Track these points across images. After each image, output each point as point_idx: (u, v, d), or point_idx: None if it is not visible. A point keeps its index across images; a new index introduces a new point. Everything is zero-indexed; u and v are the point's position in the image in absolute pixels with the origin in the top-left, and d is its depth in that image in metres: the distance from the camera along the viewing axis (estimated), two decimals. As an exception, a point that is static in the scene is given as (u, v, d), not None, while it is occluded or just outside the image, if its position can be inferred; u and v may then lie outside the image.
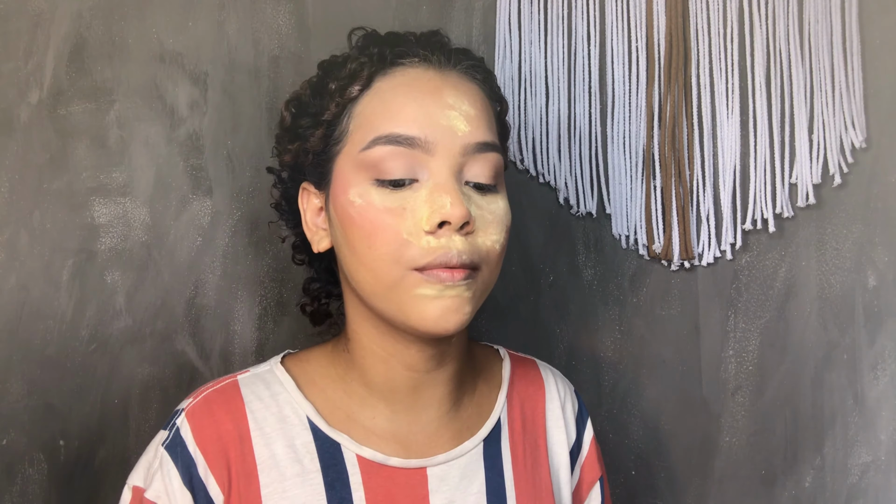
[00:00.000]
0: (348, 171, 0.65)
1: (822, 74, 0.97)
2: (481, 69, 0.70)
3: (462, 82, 0.66)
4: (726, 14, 0.96)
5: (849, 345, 0.99)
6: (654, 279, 0.99)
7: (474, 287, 0.64)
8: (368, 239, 0.63)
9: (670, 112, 0.96)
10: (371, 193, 0.63)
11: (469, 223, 0.62)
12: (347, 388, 0.69)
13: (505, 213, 0.66)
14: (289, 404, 0.68)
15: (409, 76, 0.65)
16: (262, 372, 0.70)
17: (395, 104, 0.64)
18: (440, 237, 0.61)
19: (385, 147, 0.62)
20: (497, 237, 0.65)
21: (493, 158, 0.65)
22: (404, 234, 0.61)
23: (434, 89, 0.64)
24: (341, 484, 0.65)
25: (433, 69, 0.66)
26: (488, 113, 0.67)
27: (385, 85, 0.65)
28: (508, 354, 0.78)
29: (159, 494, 0.64)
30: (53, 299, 0.87)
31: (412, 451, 0.68)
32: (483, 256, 0.64)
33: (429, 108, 0.63)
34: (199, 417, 0.66)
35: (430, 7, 0.95)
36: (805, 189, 0.97)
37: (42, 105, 0.87)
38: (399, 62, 0.66)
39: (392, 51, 0.66)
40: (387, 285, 0.63)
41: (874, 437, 0.99)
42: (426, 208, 0.61)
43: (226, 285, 0.91)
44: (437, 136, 0.63)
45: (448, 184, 0.62)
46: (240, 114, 0.91)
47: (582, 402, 0.80)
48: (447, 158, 0.63)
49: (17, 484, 0.86)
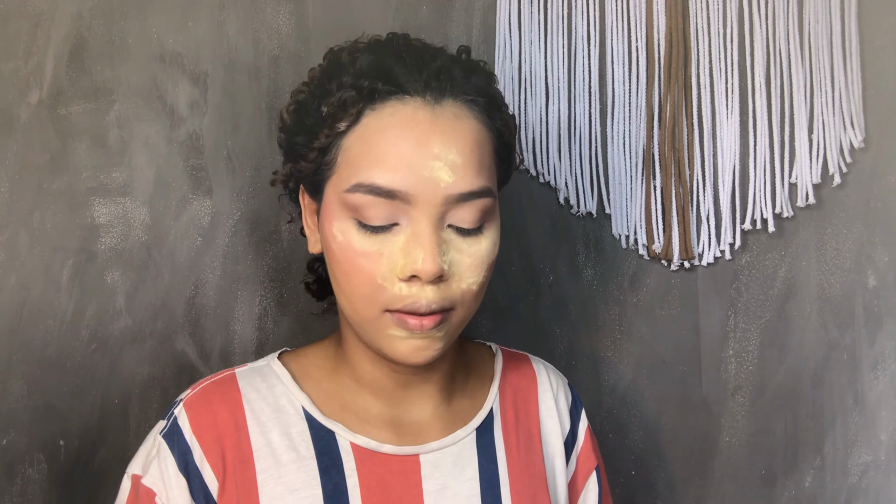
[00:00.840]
0: (334, 202, 0.65)
1: (821, 74, 0.97)
2: (483, 100, 0.67)
3: (455, 122, 0.64)
4: (726, 14, 0.96)
5: (849, 345, 0.99)
6: (654, 279, 0.99)
7: (446, 328, 0.65)
8: (347, 276, 0.64)
9: (670, 112, 0.96)
10: (352, 233, 0.63)
11: (442, 276, 0.63)
12: (341, 381, 0.71)
13: (489, 251, 0.66)
14: (285, 395, 0.70)
15: (399, 117, 0.63)
16: (259, 366, 0.72)
17: (380, 150, 0.62)
18: (412, 286, 0.62)
19: (366, 196, 0.62)
20: (474, 279, 0.65)
21: (479, 204, 0.64)
22: (378, 278, 0.63)
23: (421, 135, 0.62)
24: (336, 470, 0.67)
25: (425, 108, 0.63)
26: (481, 153, 0.65)
27: (373, 123, 0.63)
28: (501, 350, 0.80)
29: (155, 481, 0.65)
30: (53, 299, 0.87)
31: (405, 439, 0.70)
32: (457, 300, 0.65)
33: (412, 159, 0.61)
34: (196, 407, 0.67)
35: (430, 7, 0.95)
36: (805, 189, 0.97)
37: (42, 105, 0.87)
38: (390, 97, 0.63)
39: (384, 87, 0.63)
40: (364, 319, 0.65)
41: (874, 437, 0.99)
42: (401, 258, 0.62)
43: (226, 285, 0.91)
44: (419, 188, 0.62)
45: (424, 235, 0.62)
46: (240, 114, 0.91)
47: (576, 393, 0.82)
48: (427, 209, 0.62)
49: (17, 484, 0.86)
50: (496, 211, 0.67)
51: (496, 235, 0.67)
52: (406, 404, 0.71)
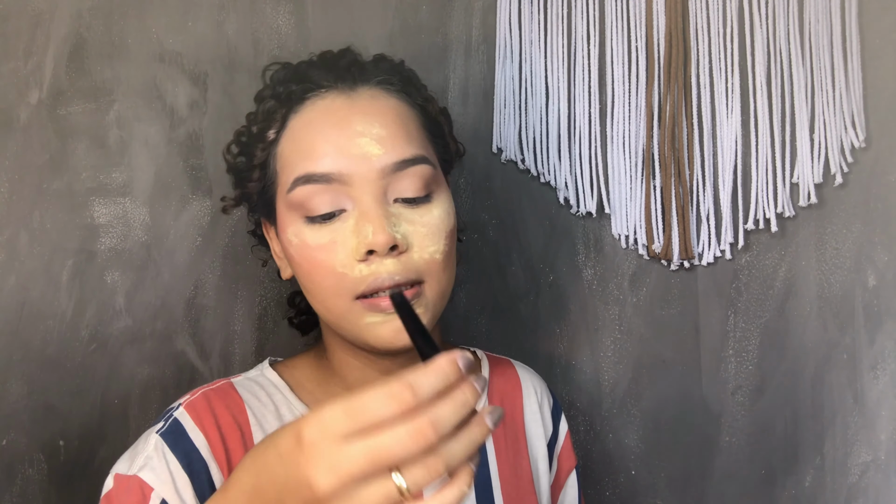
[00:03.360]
0: (284, 211, 0.67)
1: (822, 74, 0.97)
2: (397, 79, 0.70)
3: (373, 102, 0.66)
4: (726, 14, 0.96)
5: (849, 345, 0.99)
6: (654, 279, 0.99)
7: (422, 302, 0.65)
8: (309, 276, 0.66)
9: (670, 112, 0.96)
10: (304, 232, 0.65)
11: (397, 246, 0.63)
12: (332, 391, 0.72)
13: (442, 219, 0.66)
14: (284, 405, 0.70)
15: (318, 109, 0.66)
16: (254, 376, 0.72)
17: (306, 143, 0.65)
18: (371, 263, 0.63)
19: (305, 187, 0.64)
20: (435, 247, 0.65)
21: (419, 171, 0.65)
22: (338, 267, 0.64)
23: (342, 119, 0.65)
24: None
25: (341, 96, 0.66)
26: (406, 125, 0.67)
27: (297, 123, 0.67)
28: (486, 356, 0.82)
29: (152, 477, 0.63)
30: (53, 299, 0.87)
31: None
32: (423, 270, 0.65)
33: (338, 141, 0.64)
34: (198, 408, 0.67)
35: (429, 7, 0.95)
36: (807, 188, 0.97)
37: (42, 105, 0.87)
38: (307, 97, 0.67)
39: (299, 86, 0.67)
40: (337, 315, 0.66)
41: (874, 437, 0.99)
42: (353, 239, 0.64)
43: (226, 285, 0.91)
44: (352, 166, 0.64)
45: (371, 210, 0.63)
46: (240, 114, 0.91)
47: (556, 398, 0.84)
48: (366, 185, 0.64)
49: (17, 484, 0.86)
50: (442, 181, 0.69)
51: (448, 205, 0.68)
52: None
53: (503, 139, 0.97)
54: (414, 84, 0.71)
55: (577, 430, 0.98)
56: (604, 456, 0.98)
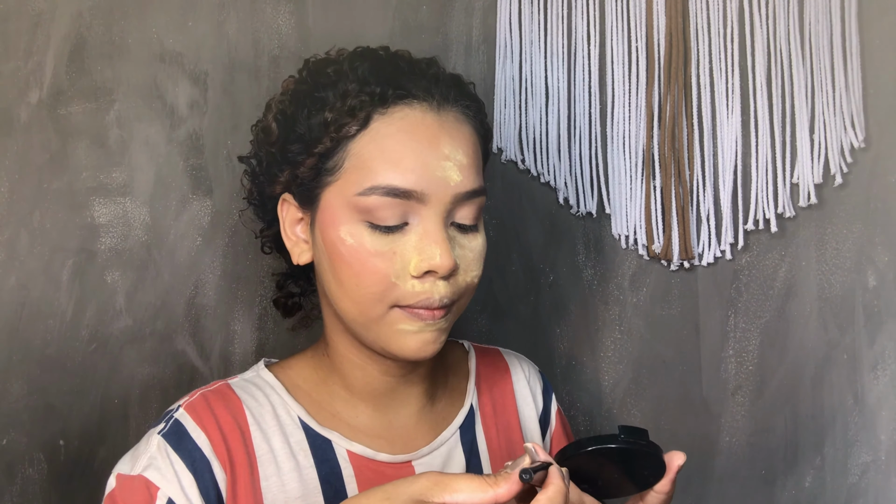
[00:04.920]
0: (340, 207, 0.66)
1: (822, 74, 0.97)
2: (473, 104, 0.70)
3: (458, 126, 0.67)
4: (726, 14, 0.96)
5: (849, 345, 0.99)
6: (654, 279, 0.99)
7: (451, 318, 0.68)
8: (357, 278, 0.65)
9: (670, 112, 0.96)
10: (363, 235, 0.65)
11: (455, 271, 0.65)
12: (330, 390, 0.72)
13: (483, 247, 0.69)
14: (281, 405, 0.70)
15: (409, 120, 0.65)
16: (250, 377, 0.72)
17: (394, 153, 0.64)
18: (425, 282, 0.64)
19: (382, 198, 0.64)
20: (476, 272, 0.68)
21: (479, 202, 0.68)
22: (392, 277, 0.64)
23: (432, 137, 0.65)
24: (335, 477, 0.68)
25: (431, 112, 0.66)
26: (478, 157, 0.69)
27: (384, 128, 0.65)
28: (473, 347, 0.82)
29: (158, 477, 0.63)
30: (53, 299, 0.87)
31: (397, 447, 0.71)
32: (462, 292, 0.67)
33: (426, 160, 0.64)
34: (198, 409, 0.67)
35: (430, 7, 0.95)
36: (807, 189, 0.97)
37: (42, 105, 0.86)
38: (399, 102, 0.66)
39: (393, 91, 0.65)
40: (370, 318, 0.66)
41: (874, 437, 0.99)
42: (415, 256, 0.64)
43: (226, 285, 0.91)
44: (432, 187, 0.64)
45: (437, 233, 0.64)
46: (240, 114, 0.91)
47: (546, 379, 0.84)
48: (438, 207, 0.65)
49: (17, 484, 0.86)
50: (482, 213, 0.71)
51: (484, 232, 0.70)
52: (395, 407, 0.73)
53: (503, 139, 0.97)
54: (484, 112, 0.73)
55: (577, 431, 0.98)
56: (604, 456, 0.98)
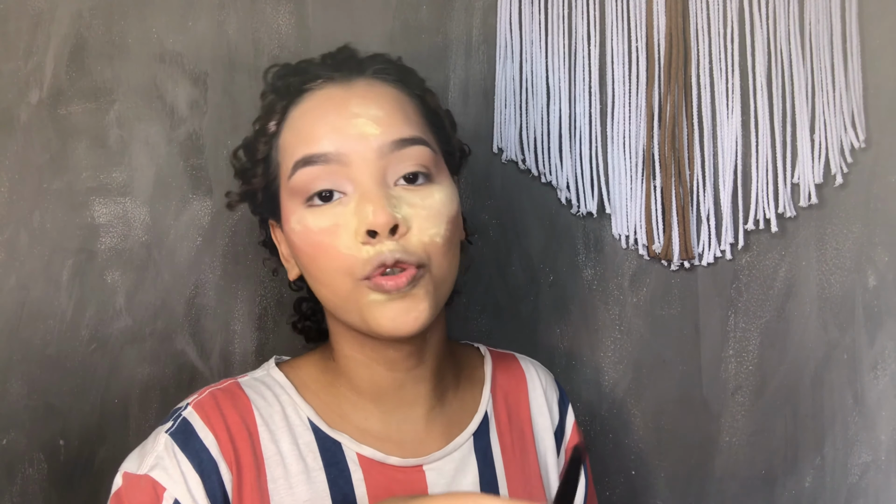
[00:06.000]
0: (287, 200, 0.67)
1: (823, 74, 0.96)
2: (393, 70, 0.71)
3: (370, 88, 0.67)
4: (726, 14, 0.96)
5: (849, 345, 0.99)
6: (654, 279, 0.99)
7: (425, 284, 0.64)
8: (314, 261, 0.65)
9: (670, 112, 0.96)
10: (306, 218, 0.65)
11: (398, 226, 0.63)
12: (338, 392, 0.71)
13: (443, 203, 0.66)
14: (290, 406, 0.69)
15: (317, 99, 0.67)
16: (260, 376, 0.72)
17: (305, 129, 0.66)
18: (374, 245, 0.63)
19: (304, 169, 0.65)
20: (436, 230, 0.65)
21: (416, 151, 0.66)
22: (342, 249, 0.64)
23: (339, 104, 0.66)
24: (344, 481, 0.67)
25: (339, 86, 0.67)
26: (404, 109, 0.67)
27: (296, 113, 0.68)
28: (489, 352, 0.81)
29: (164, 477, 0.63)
30: (53, 299, 0.87)
31: (407, 451, 0.70)
32: (426, 253, 0.64)
33: (336, 123, 0.65)
34: (207, 408, 0.67)
35: (429, 7, 0.95)
36: (807, 189, 0.97)
37: (42, 105, 0.87)
38: (306, 88, 0.68)
39: (297, 79, 0.69)
40: (343, 297, 0.65)
41: (874, 437, 0.99)
42: (354, 220, 0.64)
43: (226, 285, 0.91)
44: (349, 146, 0.64)
45: (370, 191, 0.64)
46: (240, 114, 0.91)
47: (563, 390, 0.83)
48: (365, 165, 0.64)
49: (17, 484, 0.86)
50: (443, 168, 0.69)
51: (450, 191, 0.68)
52: (404, 407, 0.71)
53: (504, 139, 0.97)
54: (410, 74, 0.72)
55: (577, 431, 0.99)
56: (604, 456, 0.98)
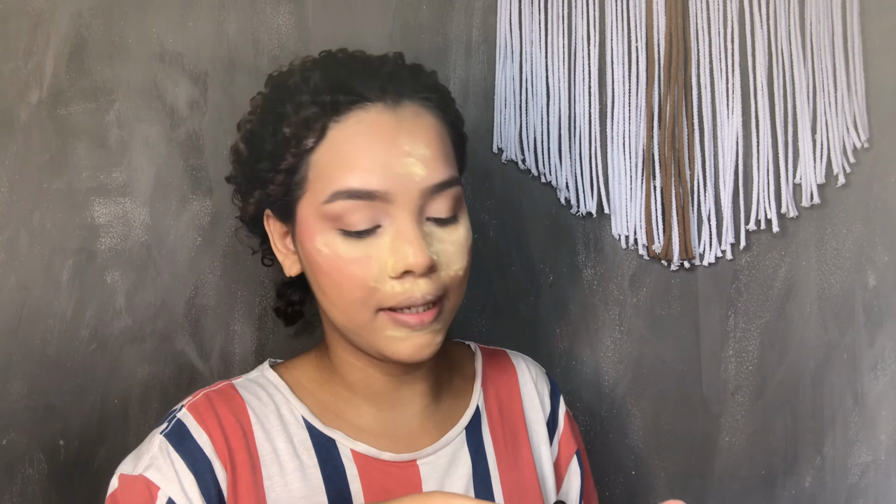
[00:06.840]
0: (312, 218, 0.66)
1: (824, 74, 0.96)
2: (436, 96, 0.69)
3: (417, 119, 0.66)
4: (726, 14, 0.96)
5: (849, 345, 0.99)
6: (654, 279, 0.99)
7: (443, 318, 0.67)
8: (338, 286, 0.65)
9: (670, 112, 0.96)
10: (337, 243, 0.65)
11: (433, 267, 0.64)
12: (333, 390, 0.72)
13: (466, 237, 0.68)
14: (284, 405, 0.70)
15: (364, 123, 0.65)
16: (254, 377, 0.73)
17: (351, 156, 0.64)
18: (405, 282, 0.64)
19: (345, 202, 0.64)
20: (460, 265, 0.67)
21: (452, 193, 0.66)
22: (371, 281, 0.64)
23: (389, 136, 0.64)
24: (339, 477, 0.68)
25: (387, 111, 0.65)
26: (445, 145, 0.68)
27: (339, 135, 0.65)
28: (479, 349, 0.82)
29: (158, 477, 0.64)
30: (53, 299, 0.87)
31: (401, 446, 0.71)
32: (448, 286, 0.66)
33: (385, 158, 0.64)
34: (201, 410, 0.67)
35: (429, 7, 0.95)
36: (809, 189, 0.97)
37: (42, 105, 0.86)
38: (351, 108, 0.65)
39: (345, 97, 0.65)
40: (358, 325, 0.66)
41: (874, 437, 0.99)
42: (390, 257, 0.64)
43: (226, 285, 0.91)
44: (396, 185, 0.64)
45: (409, 231, 0.64)
46: (240, 114, 0.90)
47: (554, 382, 0.84)
48: (407, 204, 0.64)
49: (17, 484, 0.86)
50: (463, 198, 0.70)
51: (468, 221, 0.69)
52: (399, 406, 0.72)
53: (503, 139, 0.97)
54: (448, 100, 0.72)
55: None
56: (603, 456, 0.98)
